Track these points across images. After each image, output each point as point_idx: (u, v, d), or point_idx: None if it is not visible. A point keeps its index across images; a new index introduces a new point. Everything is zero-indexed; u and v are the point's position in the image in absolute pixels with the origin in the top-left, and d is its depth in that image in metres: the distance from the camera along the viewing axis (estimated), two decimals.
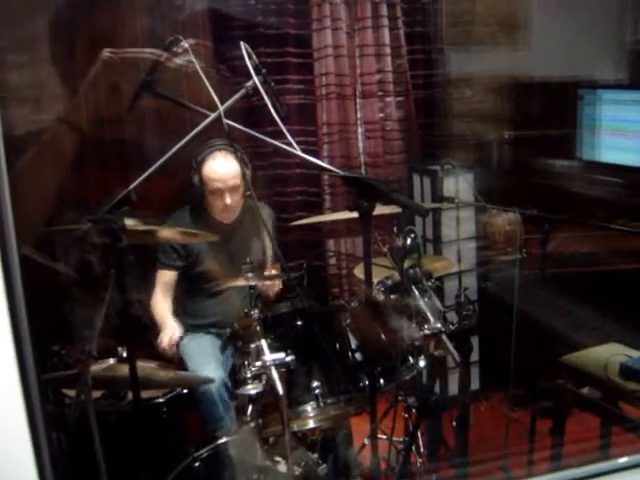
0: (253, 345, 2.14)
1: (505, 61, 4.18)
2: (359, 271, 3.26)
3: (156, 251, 3.12)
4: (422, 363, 2.49)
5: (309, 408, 2.24)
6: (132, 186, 1.82)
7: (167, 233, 2.72)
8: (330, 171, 2.01)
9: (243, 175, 2.99)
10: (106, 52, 1.90)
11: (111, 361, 2.52)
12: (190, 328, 3.14)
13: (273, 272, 2.85)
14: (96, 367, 2.27)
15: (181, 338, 3.01)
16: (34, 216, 1.71)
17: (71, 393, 2.34)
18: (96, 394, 2.38)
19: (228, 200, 2.99)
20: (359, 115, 4.21)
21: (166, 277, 3.14)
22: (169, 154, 1.86)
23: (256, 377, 2.10)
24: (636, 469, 1.32)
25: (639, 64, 4.19)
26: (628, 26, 4.25)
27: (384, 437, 3.03)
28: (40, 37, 2.14)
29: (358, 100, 4.19)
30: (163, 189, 2.74)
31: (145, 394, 2.40)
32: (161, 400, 2.63)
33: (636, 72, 4.19)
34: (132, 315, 1.93)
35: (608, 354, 2.74)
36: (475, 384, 4.01)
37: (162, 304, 3.10)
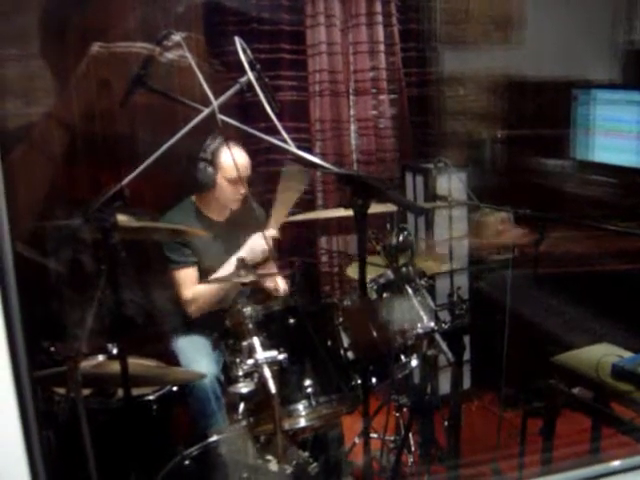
0: (245, 343, 2.13)
1: (499, 60, 4.18)
2: (352, 270, 3.25)
3: (149, 248, 3.03)
4: (414, 362, 2.48)
5: (301, 407, 2.23)
6: (124, 182, 1.79)
7: (160, 230, 2.70)
8: (326, 168, 1.99)
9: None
10: (95, 46, 1.86)
11: (100, 358, 2.49)
12: (183, 326, 3.10)
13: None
14: (86, 364, 2.25)
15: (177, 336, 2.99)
16: (25, 212, 1.69)
17: (61, 391, 2.33)
18: (85, 392, 2.35)
19: (243, 189, 2.94)
20: (352, 112, 4.20)
21: (189, 277, 2.96)
22: (162, 149, 1.84)
23: (248, 375, 2.08)
24: (628, 473, 1.31)
25: (633, 64, 4.20)
26: (622, 26, 4.26)
27: (375, 436, 3.03)
28: (28, 29, 2.11)
29: (351, 97, 4.18)
30: (156, 185, 2.71)
31: (135, 391, 2.37)
32: (151, 397, 2.60)
33: (630, 72, 4.20)
34: (123, 312, 1.91)
35: (600, 354, 2.73)
36: (466, 383, 4.01)
37: (203, 285, 2.93)
